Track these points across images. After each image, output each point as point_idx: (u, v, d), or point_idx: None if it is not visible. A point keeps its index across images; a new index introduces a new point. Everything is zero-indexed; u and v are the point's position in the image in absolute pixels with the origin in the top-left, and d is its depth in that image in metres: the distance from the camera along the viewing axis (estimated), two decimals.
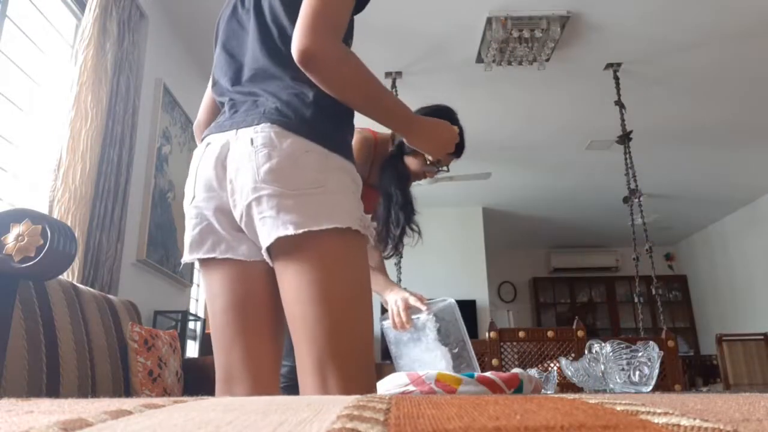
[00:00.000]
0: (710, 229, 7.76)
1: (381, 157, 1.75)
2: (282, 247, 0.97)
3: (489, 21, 3.46)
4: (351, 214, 1.00)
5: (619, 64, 3.94)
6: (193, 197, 1.07)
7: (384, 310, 1.78)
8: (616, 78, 3.99)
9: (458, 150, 1.57)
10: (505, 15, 3.41)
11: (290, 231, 0.94)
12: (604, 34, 3.62)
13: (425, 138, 1.18)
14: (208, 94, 1.29)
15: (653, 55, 3.84)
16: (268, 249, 0.99)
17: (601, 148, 5.25)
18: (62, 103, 2.55)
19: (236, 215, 1.02)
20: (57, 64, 2.65)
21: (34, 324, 1.73)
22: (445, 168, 1.70)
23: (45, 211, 2.35)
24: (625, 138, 4.03)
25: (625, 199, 4.09)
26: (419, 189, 2.21)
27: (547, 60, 3.73)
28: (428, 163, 1.68)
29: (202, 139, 1.12)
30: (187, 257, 1.09)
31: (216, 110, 1.25)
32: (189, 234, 1.08)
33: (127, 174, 2.82)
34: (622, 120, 4.02)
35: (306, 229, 0.94)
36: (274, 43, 1.09)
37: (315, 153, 1.00)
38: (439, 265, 6.59)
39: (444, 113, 1.60)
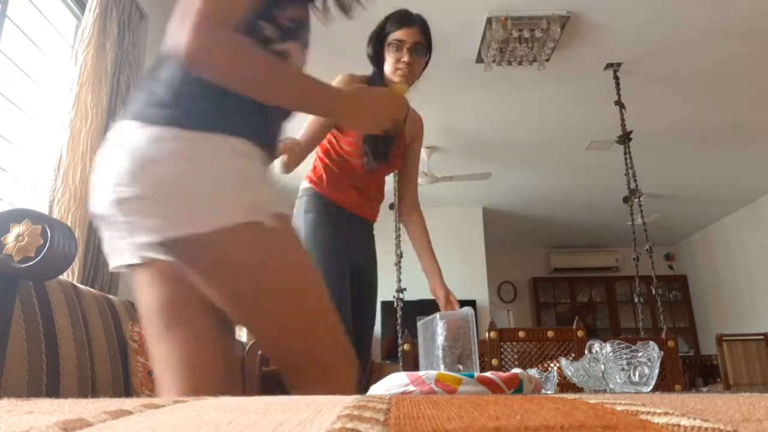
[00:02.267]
0: (710, 229, 7.76)
1: None
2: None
3: (489, 21, 3.46)
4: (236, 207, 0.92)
5: (619, 64, 3.94)
6: None
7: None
8: (616, 78, 3.99)
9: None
10: (505, 15, 3.41)
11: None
12: (604, 34, 3.62)
13: (362, 118, 1.01)
14: None
15: (653, 55, 3.84)
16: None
17: (601, 148, 5.25)
18: (62, 103, 2.54)
19: None
20: (57, 64, 2.65)
21: (34, 324, 1.73)
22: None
23: (45, 211, 2.35)
24: (625, 138, 4.03)
25: (625, 199, 4.09)
26: (420, 189, 2.20)
27: (547, 60, 3.73)
28: None
29: None
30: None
31: None
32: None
33: None
34: (622, 120, 4.02)
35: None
36: None
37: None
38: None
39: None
